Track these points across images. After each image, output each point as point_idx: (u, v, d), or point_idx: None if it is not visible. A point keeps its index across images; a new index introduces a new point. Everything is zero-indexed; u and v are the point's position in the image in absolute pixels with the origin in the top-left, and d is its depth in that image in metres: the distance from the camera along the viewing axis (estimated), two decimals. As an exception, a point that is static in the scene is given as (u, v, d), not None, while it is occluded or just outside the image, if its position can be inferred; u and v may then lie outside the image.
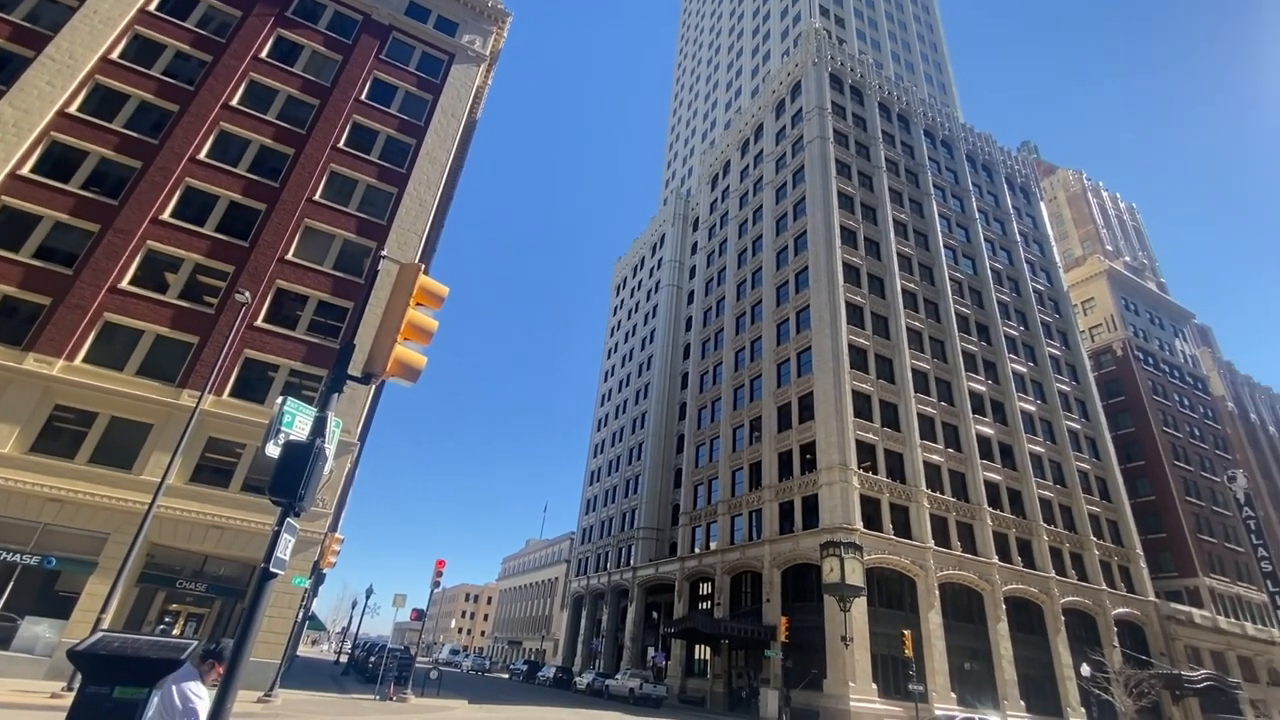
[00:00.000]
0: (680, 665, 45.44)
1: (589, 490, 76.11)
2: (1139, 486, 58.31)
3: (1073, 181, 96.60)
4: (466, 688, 37.18)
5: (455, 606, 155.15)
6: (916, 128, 60.06)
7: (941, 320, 49.28)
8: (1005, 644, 37.67)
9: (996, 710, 35.06)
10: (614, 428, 74.12)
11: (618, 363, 79.94)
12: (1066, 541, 45.38)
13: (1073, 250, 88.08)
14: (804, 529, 38.23)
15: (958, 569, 38.41)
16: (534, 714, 24.56)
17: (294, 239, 28.17)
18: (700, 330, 60.57)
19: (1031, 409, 50.29)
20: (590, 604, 65.87)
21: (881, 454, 39.98)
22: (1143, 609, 46.12)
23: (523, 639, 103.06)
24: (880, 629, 33.78)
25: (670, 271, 72.49)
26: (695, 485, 52.74)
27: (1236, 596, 55.86)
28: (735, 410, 50.20)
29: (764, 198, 56.28)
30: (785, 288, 49.14)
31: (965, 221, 57.42)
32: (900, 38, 76.05)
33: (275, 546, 5.74)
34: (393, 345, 6.47)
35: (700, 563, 47.30)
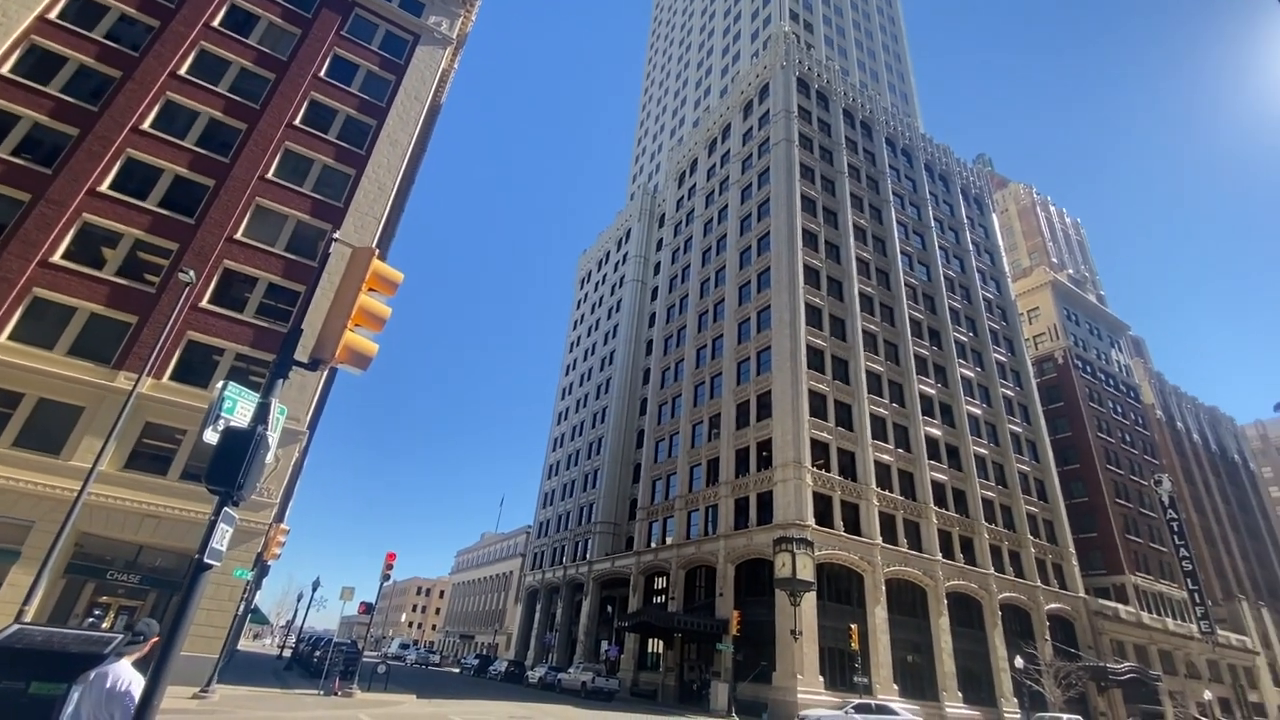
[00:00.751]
0: (633, 659, 45.70)
1: (547, 484, 75.71)
2: (1074, 488, 61.30)
3: (1023, 195, 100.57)
4: (416, 682, 36.60)
5: (406, 600, 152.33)
6: (878, 135, 61.50)
7: (896, 324, 50.71)
8: (946, 638, 39.16)
9: (936, 701, 36.47)
10: (574, 422, 73.86)
11: (580, 356, 79.61)
12: (1006, 540, 47.40)
13: (1020, 261, 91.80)
14: (758, 525, 38.89)
15: (904, 565, 39.70)
16: (483, 708, 24.36)
17: (244, 218, 27.07)
18: (663, 326, 60.81)
19: (978, 412, 52.27)
20: (545, 598, 65.60)
21: (835, 453, 40.97)
22: (1073, 604, 48.58)
23: (475, 633, 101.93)
24: (828, 623, 34.69)
25: (635, 267, 72.50)
26: (654, 480, 53.01)
27: (1159, 594, 59.37)
28: (695, 407, 50.63)
29: (730, 197, 56.80)
30: (748, 287, 49.76)
31: (921, 229, 59.16)
32: (866, 46, 77.69)
33: (211, 537, 5.52)
34: (343, 331, 6.28)
35: (656, 557, 47.63)
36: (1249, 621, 67.51)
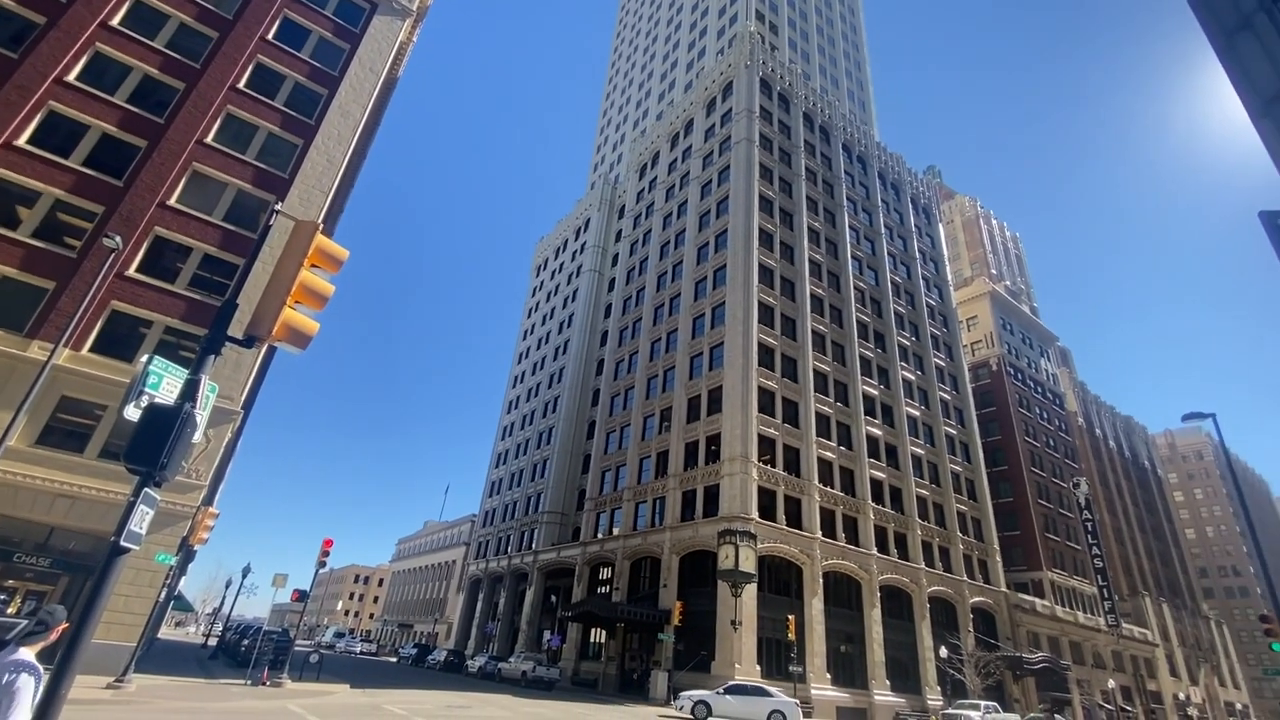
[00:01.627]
0: (575, 648, 45.83)
1: (494, 473, 74.80)
2: (1001, 489, 64.69)
3: (969, 207, 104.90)
4: (350, 671, 35.70)
5: (343, 588, 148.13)
6: (836, 140, 62.93)
7: (844, 326, 52.19)
8: (877, 628, 40.82)
9: (868, 688, 37.99)
10: (525, 410, 73.14)
11: (533, 345, 78.78)
12: (937, 536, 49.67)
13: (963, 271, 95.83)
14: (704, 517, 39.52)
15: (841, 559, 41.12)
16: (420, 697, 24.00)
17: (179, 183, 25.55)
18: (619, 318, 60.78)
19: (916, 414, 54.45)
20: (488, 587, 64.96)
21: (781, 449, 41.96)
22: (995, 598, 51.39)
23: (415, 622, 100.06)
24: (767, 614, 35.62)
25: (593, 256, 72.11)
26: (603, 471, 53.09)
27: (1072, 589, 63.42)
28: (648, 399, 50.90)
29: (690, 193, 57.11)
30: (704, 283, 50.24)
31: (872, 235, 60.98)
32: (828, 52, 79.22)
33: (130, 519, 5.24)
34: (281, 308, 6.02)
35: (602, 548, 47.79)
36: (1150, 616, 72.96)
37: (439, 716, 18.13)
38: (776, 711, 24.92)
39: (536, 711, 22.87)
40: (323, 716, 15.75)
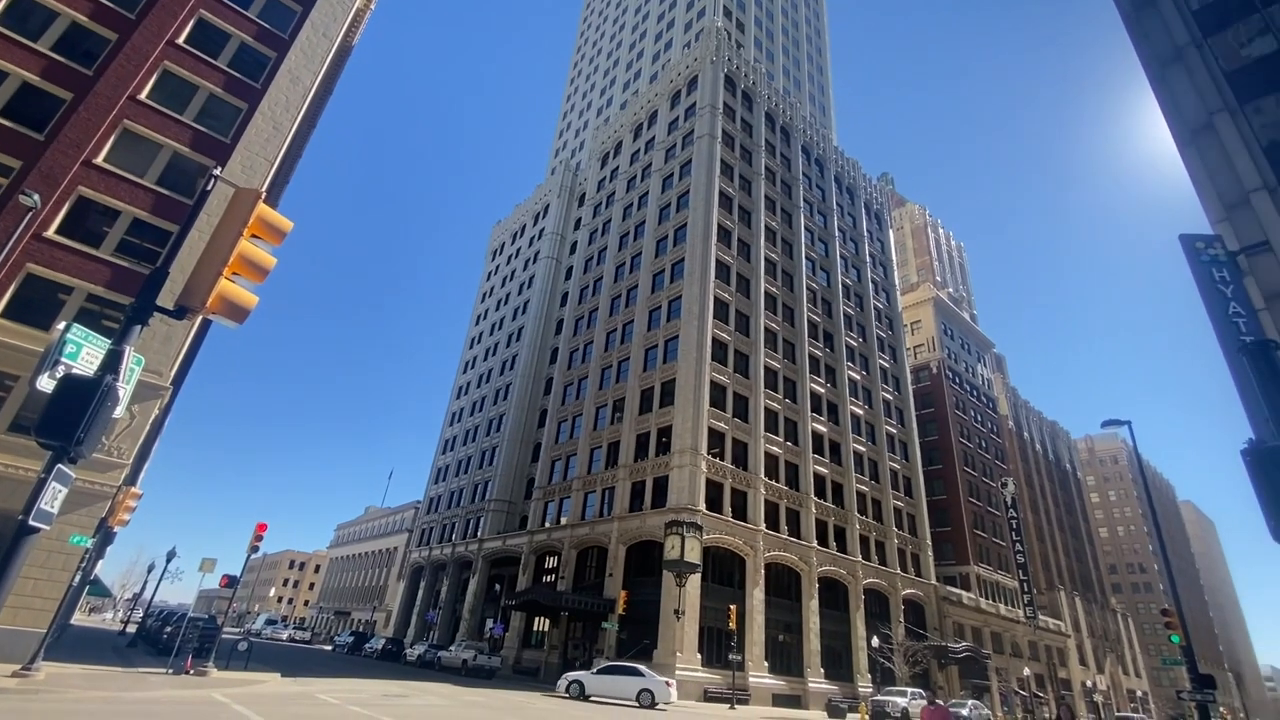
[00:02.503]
0: (518, 637, 45.62)
1: (441, 459, 73.38)
2: (935, 486, 67.62)
3: (918, 215, 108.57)
4: (282, 660, 34.50)
5: (277, 574, 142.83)
6: (796, 142, 63.99)
7: (795, 325, 53.35)
8: (814, 619, 42.18)
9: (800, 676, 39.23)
10: (475, 397, 71.93)
11: (486, 330, 77.44)
12: (874, 531, 51.59)
13: (909, 276, 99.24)
14: (652, 508, 39.87)
15: (783, 551, 42.22)
16: (355, 686, 23.44)
17: (107, 141, 23.85)
18: (575, 307, 60.37)
19: (860, 412, 56.26)
20: (430, 575, 63.85)
21: (730, 442, 42.68)
22: (925, 590, 53.82)
23: (352, 610, 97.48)
24: (710, 603, 36.30)
25: (551, 244, 71.29)
26: (553, 461, 52.81)
27: (996, 582, 67.00)
28: (601, 390, 50.84)
29: (651, 185, 57.07)
30: (661, 276, 50.40)
31: (826, 237, 62.42)
32: (792, 54, 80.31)
33: (40, 497, 4.89)
34: (217, 278, 5.69)
35: (549, 537, 47.62)
36: (1064, 609, 77.91)
37: (375, 705, 17.75)
38: (645, 690, 26.13)
39: (476, 699, 22.69)
40: (250, 706, 15.18)
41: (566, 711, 21.62)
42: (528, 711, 20.46)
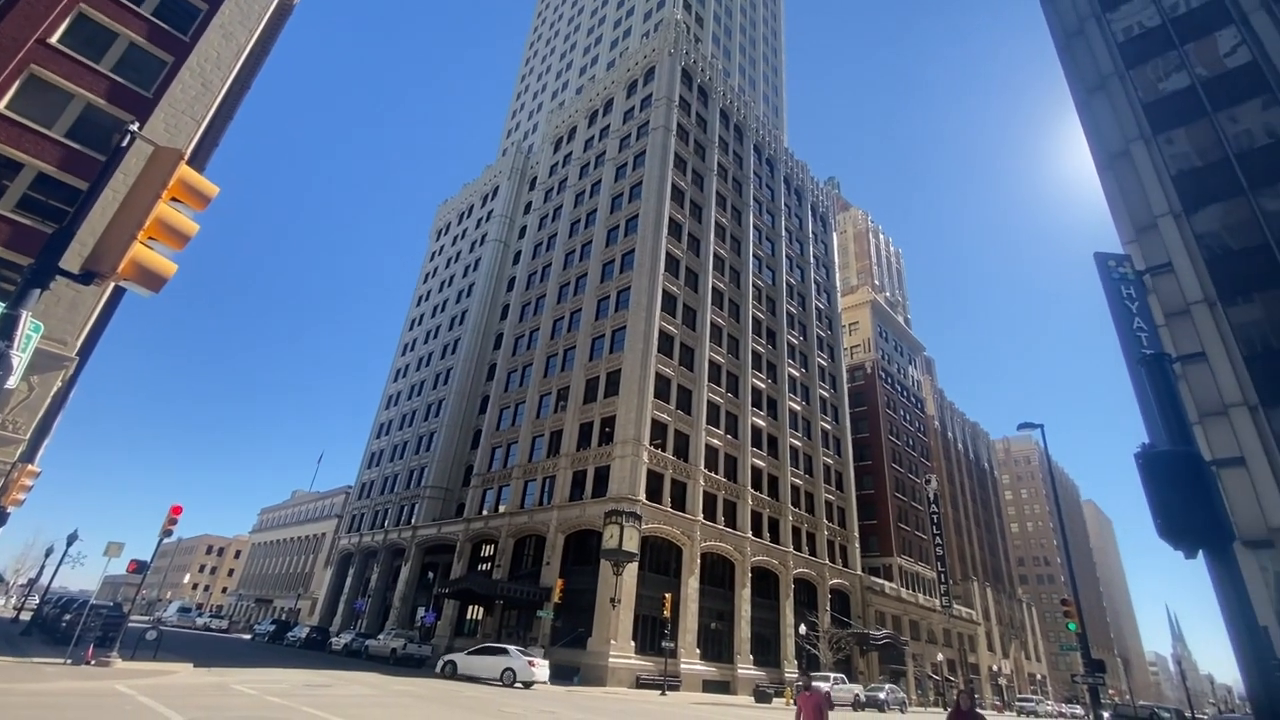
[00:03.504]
0: (451, 625, 44.89)
1: (375, 443, 71.03)
2: (864, 481, 70.51)
3: (861, 220, 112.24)
4: (196, 649, 32.71)
5: (193, 560, 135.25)
6: (749, 140, 64.87)
7: (740, 321, 54.31)
8: (746, 607, 43.35)
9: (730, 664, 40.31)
10: (414, 380, 69.90)
11: (428, 312, 75.24)
12: (806, 522, 53.39)
13: (850, 279, 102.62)
14: (593, 497, 39.90)
15: (719, 541, 43.14)
16: (276, 676, 22.50)
17: (10, 87, 21.69)
18: (522, 292, 59.45)
19: (798, 408, 57.96)
20: (360, 562, 61.91)
21: (672, 434, 43.15)
22: (851, 580, 56.19)
23: (275, 598, 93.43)
24: (646, 592, 36.73)
25: (499, 227, 69.82)
26: (494, 448, 52.02)
27: (916, 573, 70.64)
28: (546, 378, 50.35)
29: (604, 173, 56.66)
30: (611, 265, 50.22)
31: (773, 236, 63.72)
32: (749, 53, 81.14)
33: (-85, 471, 4.42)
34: (131, 242, 5.25)
35: (487, 525, 46.97)
36: (976, 598, 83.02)
37: (297, 695, 17.10)
38: (508, 669, 27.52)
39: (406, 688, 22.21)
40: (158, 698, 14.34)
41: (495, 700, 21.47)
42: (457, 699, 20.20)
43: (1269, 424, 17.85)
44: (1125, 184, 23.19)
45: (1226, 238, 20.84)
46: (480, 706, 19.04)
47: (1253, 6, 22.52)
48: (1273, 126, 21.00)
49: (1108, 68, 25.59)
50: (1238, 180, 20.93)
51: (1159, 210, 21.93)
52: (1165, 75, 24.48)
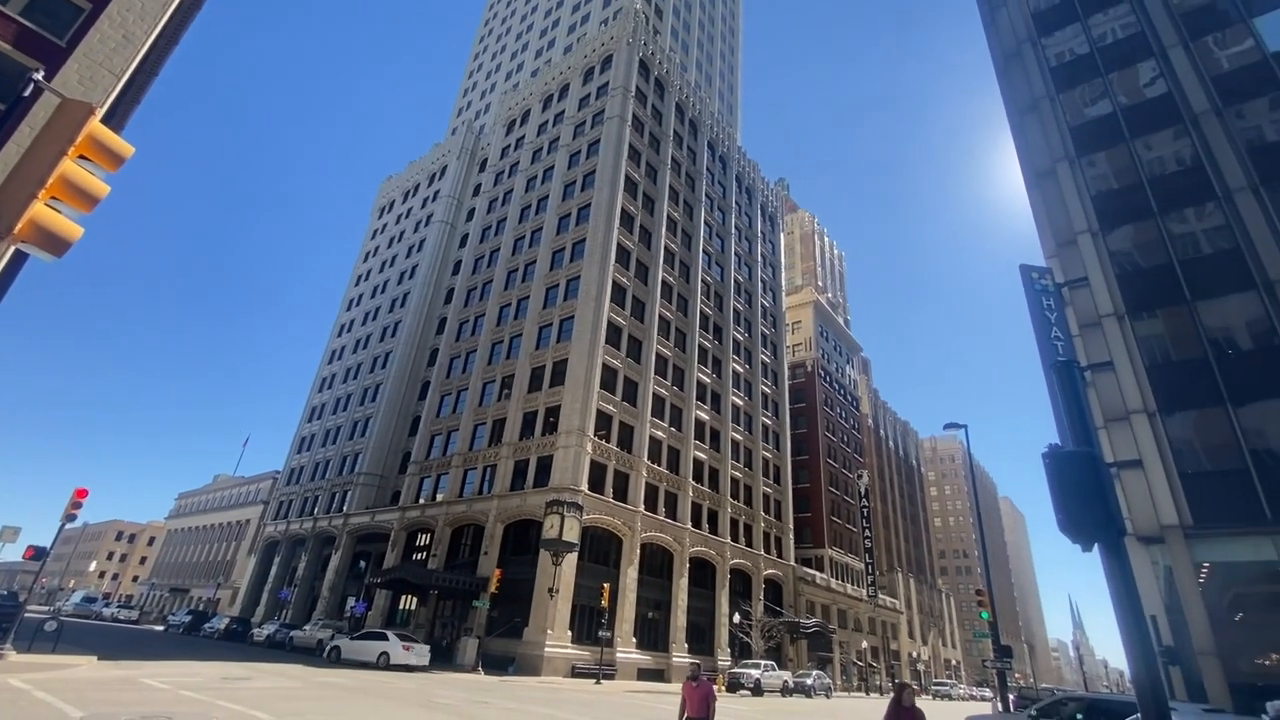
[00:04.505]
0: (382, 615, 43.74)
1: (306, 427, 68.12)
2: (800, 475, 72.73)
3: (807, 222, 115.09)
4: (102, 641, 30.64)
5: (101, 546, 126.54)
6: (703, 136, 65.32)
7: (688, 315, 54.84)
8: (683, 596, 44.08)
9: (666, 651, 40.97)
10: (350, 363, 67.34)
11: (367, 292, 72.54)
12: (744, 514, 54.66)
13: (794, 279, 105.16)
14: (534, 487, 39.58)
15: (659, 532, 43.63)
16: (190, 669, 21.35)
17: (-110, 19, 19.45)
18: (468, 276, 58.10)
19: (740, 403, 59.13)
20: (286, 550, 59.41)
21: (616, 425, 43.23)
22: (784, 571, 57.97)
23: (192, 587, 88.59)
24: (585, 582, 36.79)
25: (446, 208, 67.88)
26: (433, 435, 50.80)
27: (845, 564, 73.54)
28: (490, 365, 49.47)
29: (557, 159, 55.91)
30: (561, 254, 49.69)
31: (724, 233, 64.54)
32: (706, 49, 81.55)
33: None
34: (31, 201, 4.80)
35: (423, 513, 45.91)
36: (900, 588, 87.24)
37: (212, 689, 16.28)
38: (384, 652, 28.81)
39: (332, 680, 21.50)
40: (57, 693, 13.37)
41: (426, 690, 21.09)
42: (386, 691, 19.72)
43: (1165, 430, 19.44)
44: (1050, 201, 24.67)
45: (1137, 256, 22.50)
46: (410, 698, 18.66)
47: (1171, 42, 24.28)
48: (1182, 156, 22.76)
49: (1040, 90, 27.09)
50: (1149, 203, 22.60)
51: (1079, 227, 23.44)
52: (1091, 101, 26.13)
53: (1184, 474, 18.77)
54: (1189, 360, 20.04)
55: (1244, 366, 19.04)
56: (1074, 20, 27.89)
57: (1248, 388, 18.69)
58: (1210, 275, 20.49)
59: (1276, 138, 21.23)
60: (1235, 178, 20.82)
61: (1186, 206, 21.97)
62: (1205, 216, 21.47)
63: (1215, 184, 21.22)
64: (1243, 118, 22.01)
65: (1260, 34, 22.65)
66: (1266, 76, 21.89)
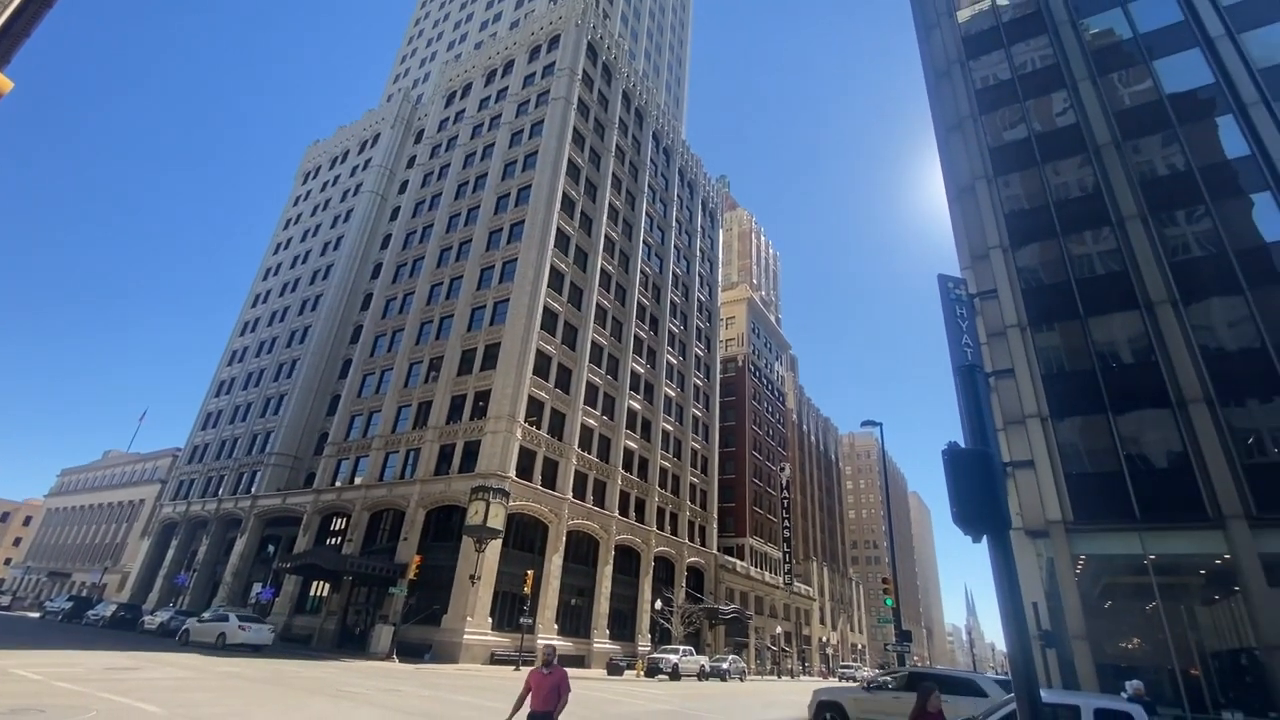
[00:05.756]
0: (291, 602, 41.77)
1: (213, 403, 63.78)
2: (726, 466, 74.64)
3: (745, 220, 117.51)
4: (-41, 631, 27.72)
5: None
6: (648, 127, 65.27)
7: (626, 304, 54.93)
8: (607, 583, 44.44)
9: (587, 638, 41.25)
10: (264, 336, 63.46)
11: (287, 262, 68.42)
12: (670, 503, 55.60)
13: (730, 275, 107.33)
14: (460, 472, 38.72)
15: (586, 519, 43.73)
16: (70, 658, 19.66)
17: None
18: (398, 252, 55.83)
19: (672, 394, 59.94)
20: (186, 533, 55.60)
21: (548, 412, 42.87)
22: (707, 559, 59.48)
23: (74, 571, 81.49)
24: (508, 569, 36.42)
25: (377, 178, 64.82)
26: (353, 415, 48.71)
27: (765, 553, 76.23)
28: (418, 345, 47.83)
29: (498, 136, 54.45)
30: (499, 234, 48.54)
31: (664, 225, 64.92)
32: (656, 40, 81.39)
33: None
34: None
35: (340, 497, 44.05)
36: (814, 577, 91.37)
37: (94, 680, 15.06)
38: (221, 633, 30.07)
39: (232, 670, 20.36)
40: (-100, 688, 11.99)
41: (336, 679, 20.35)
42: (295, 681, 18.88)
43: (1055, 434, 21.19)
44: (968, 216, 26.23)
45: (1041, 273, 24.30)
46: (319, 687, 17.96)
47: (1082, 75, 26.23)
48: (1085, 182, 24.70)
49: (965, 110, 28.67)
50: (1054, 225, 24.43)
51: (992, 243, 25.06)
52: (1010, 124, 27.91)
53: (1069, 474, 20.54)
54: (1079, 371, 21.89)
55: (1125, 379, 21.00)
56: (999, 47, 29.64)
57: (1127, 398, 20.63)
58: (1101, 294, 22.42)
59: (1165, 172, 23.40)
60: (1128, 206, 22.82)
61: (1085, 230, 23.90)
62: (1100, 240, 23.44)
63: (1111, 211, 23.19)
64: (1138, 151, 24.12)
65: (1159, 76, 24.83)
66: (1161, 116, 24.06)
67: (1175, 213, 22.37)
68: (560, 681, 8.31)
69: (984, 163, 27.01)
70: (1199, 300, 20.69)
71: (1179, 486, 18.80)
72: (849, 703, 16.38)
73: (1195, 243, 21.76)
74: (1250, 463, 18.24)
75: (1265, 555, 17.12)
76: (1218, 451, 18.32)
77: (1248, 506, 17.58)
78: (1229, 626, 18.67)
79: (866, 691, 16.50)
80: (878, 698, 15.85)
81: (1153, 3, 26.36)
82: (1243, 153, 21.84)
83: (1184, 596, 19.64)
